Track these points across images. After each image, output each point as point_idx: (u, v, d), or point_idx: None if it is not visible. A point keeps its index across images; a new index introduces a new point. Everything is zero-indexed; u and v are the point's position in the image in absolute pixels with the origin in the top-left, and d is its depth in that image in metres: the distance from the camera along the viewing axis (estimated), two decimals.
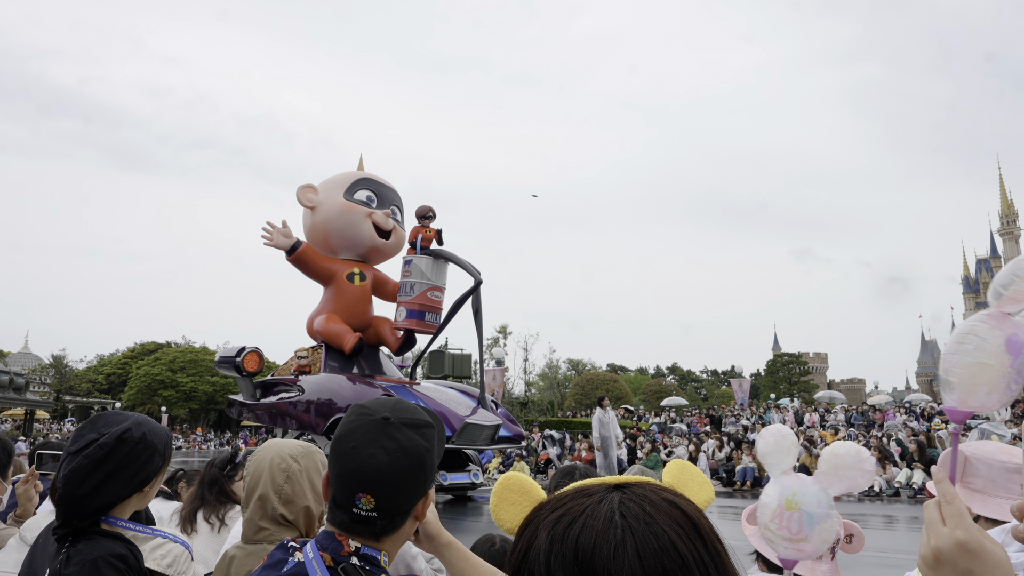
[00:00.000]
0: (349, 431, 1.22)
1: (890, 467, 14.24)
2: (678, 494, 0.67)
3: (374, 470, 1.17)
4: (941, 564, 0.74)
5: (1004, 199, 72.94)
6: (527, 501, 0.80)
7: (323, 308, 12.49)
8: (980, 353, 0.87)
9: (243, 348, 12.18)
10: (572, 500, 0.65)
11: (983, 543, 0.73)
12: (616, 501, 0.63)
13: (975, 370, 0.87)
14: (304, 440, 13.93)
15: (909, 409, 23.87)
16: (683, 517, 0.62)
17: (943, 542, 0.75)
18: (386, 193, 12.80)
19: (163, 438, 1.68)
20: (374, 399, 1.30)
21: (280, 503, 1.65)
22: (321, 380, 11.52)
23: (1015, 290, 0.86)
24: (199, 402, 57.45)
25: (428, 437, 1.24)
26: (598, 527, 0.60)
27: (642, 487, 0.66)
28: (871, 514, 11.14)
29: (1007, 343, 0.86)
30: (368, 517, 1.19)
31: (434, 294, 11.92)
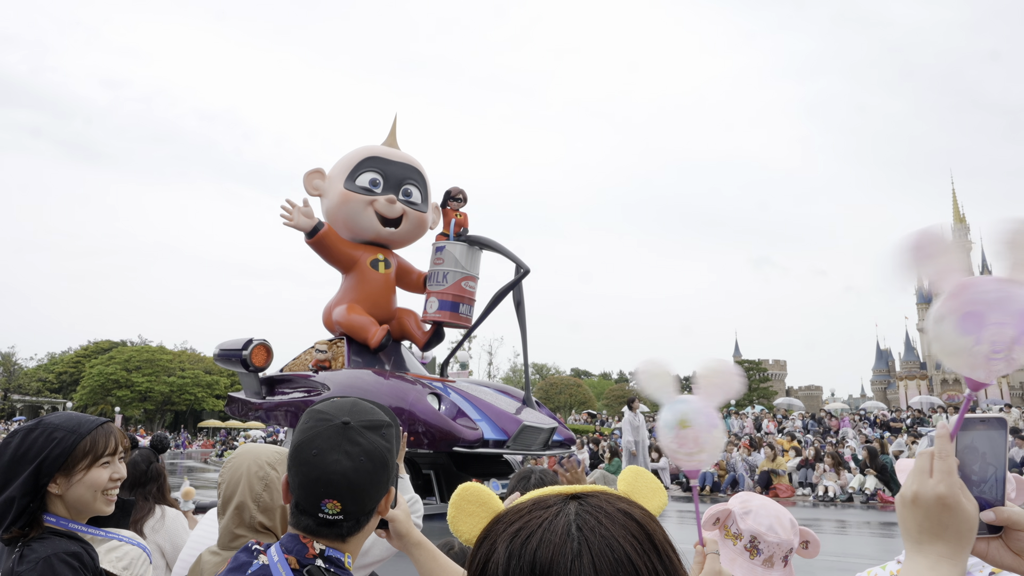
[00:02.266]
0: (310, 437, 1.21)
1: (844, 472, 14.58)
2: (633, 503, 0.68)
3: (339, 476, 1.17)
4: (917, 507, 0.82)
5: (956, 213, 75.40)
6: (485, 512, 0.80)
7: (343, 297, 11.41)
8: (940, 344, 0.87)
9: (250, 340, 11.04)
10: (529, 513, 0.65)
11: (960, 500, 0.80)
12: (573, 513, 0.63)
13: (947, 359, 0.88)
14: None
15: (863, 416, 24.50)
16: (638, 528, 0.64)
17: (925, 490, 0.82)
18: (394, 172, 11.48)
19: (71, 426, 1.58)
20: (330, 402, 1.30)
21: (259, 511, 1.64)
22: (349, 377, 10.39)
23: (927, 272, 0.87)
24: (155, 403, 56.13)
25: (388, 437, 1.26)
26: (555, 541, 0.60)
27: (598, 497, 0.67)
28: (825, 519, 11.39)
29: (960, 326, 0.84)
30: (335, 521, 1.21)
31: (468, 284, 10.99)
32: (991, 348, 0.83)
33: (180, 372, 56.85)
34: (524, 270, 10.63)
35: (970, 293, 0.84)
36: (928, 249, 0.86)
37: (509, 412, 9.94)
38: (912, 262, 0.87)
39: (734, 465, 15.63)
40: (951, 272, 0.86)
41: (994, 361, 0.83)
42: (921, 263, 0.87)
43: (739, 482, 15.01)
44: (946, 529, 0.80)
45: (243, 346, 10.95)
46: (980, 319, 0.83)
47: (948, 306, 0.85)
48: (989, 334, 0.82)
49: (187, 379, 56.30)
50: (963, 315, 0.84)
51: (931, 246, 0.86)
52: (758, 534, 1.58)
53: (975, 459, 0.86)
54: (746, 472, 15.19)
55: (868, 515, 11.87)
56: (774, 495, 14.37)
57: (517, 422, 9.69)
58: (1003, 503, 0.86)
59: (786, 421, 23.65)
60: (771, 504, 1.64)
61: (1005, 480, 0.86)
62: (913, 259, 0.87)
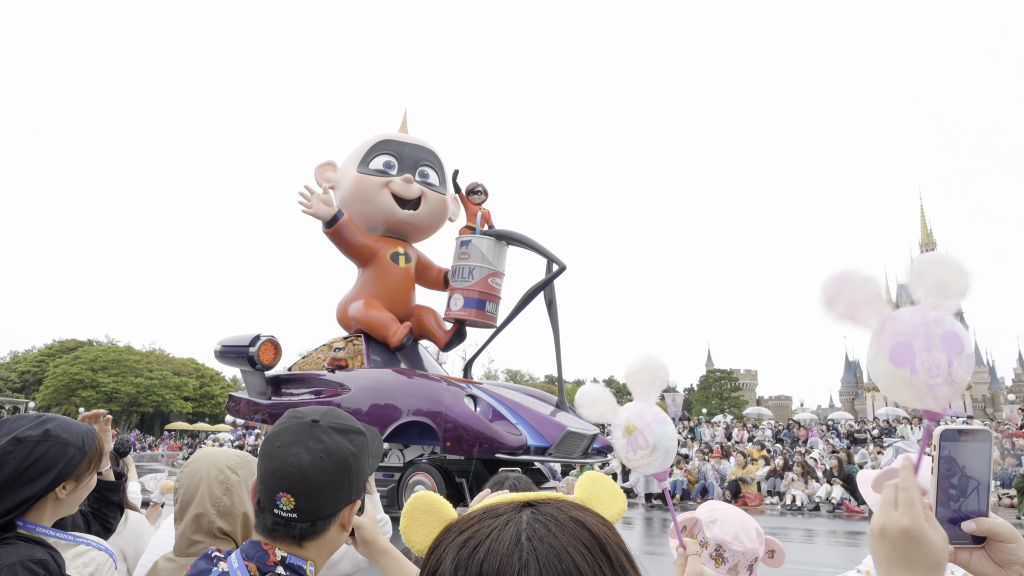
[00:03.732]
0: (277, 432, 1.23)
1: (811, 482, 14.76)
2: (587, 511, 0.67)
3: (295, 468, 1.17)
4: (885, 541, 0.83)
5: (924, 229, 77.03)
6: (437, 522, 0.78)
7: (361, 292, 10.75)
8: (879, 380, 0.90)
9: (257, 336, 10.31)
10: (479, 522, 0.64)
11: (925, 532, 0.81)
12: (523, 523, 0.62)
13: (891, 393, 0.90)
14: None
15: (831, 427, 24.84)
16: (589, 537, 0.62)
17: (891, 523, 0.83)
18: (409, 153, 10.90)
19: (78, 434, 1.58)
20: (309, 406, 1.30)
21: (218, 516, 1.61)
22: (372, 377, 9.74)
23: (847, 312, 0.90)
24: (121, 404, 55.02)
25: (357, 444, 1.25)
26: (502, 551, 0.59)
27: (551, 505, 0.65)
28: (792, 528, 11.52)
29: (891, 358, 0.87)
30: (288, 519, 1.19)
31: (495, 280, 10.38)
32: (928, 375, 0.85)
33: (148, 373, 55.81)
34: (560, 267, 10.00)
35: (893, 325, 0.87)
36: (837, 293, 0.89)
37: (549, 417, 9.27)
38: (827, 306, 0.90)
39: (704, 473, 15.75)
40: (867, 307, 0.88)
41: (937, 387, 0.86)
42: (834, 306, 0.90)
43: (708, 490, 15.13)
44: (913, 562, 0.81)
45: (250, 342, 10.27)
46: (908, 349, 0.85)
47: (877, 343, 0.88)
48: (921, 362, 0.85)
49: (155, 380, 55.30)
50: (891, 348, 0.86)
51: (839, 289, 0.89)
52: (723, 542, 1.59)
53: (960, 471, 0.88)
54: (716, 480, 15.30)
55: (834, 524, 12.03)
56: (743, 504, 14.52)
57: (560, 427, 9.02)
58: (987, 514, 0.87)
59: (756, 430, 23.89)
60: (738, 513, 1.65)
61: (989, 491, 0.87)
62: (827, 304, 0.90)
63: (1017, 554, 0.85)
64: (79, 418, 1.87)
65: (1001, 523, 0.86)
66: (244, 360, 10.38)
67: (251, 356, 10.23)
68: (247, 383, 11.08)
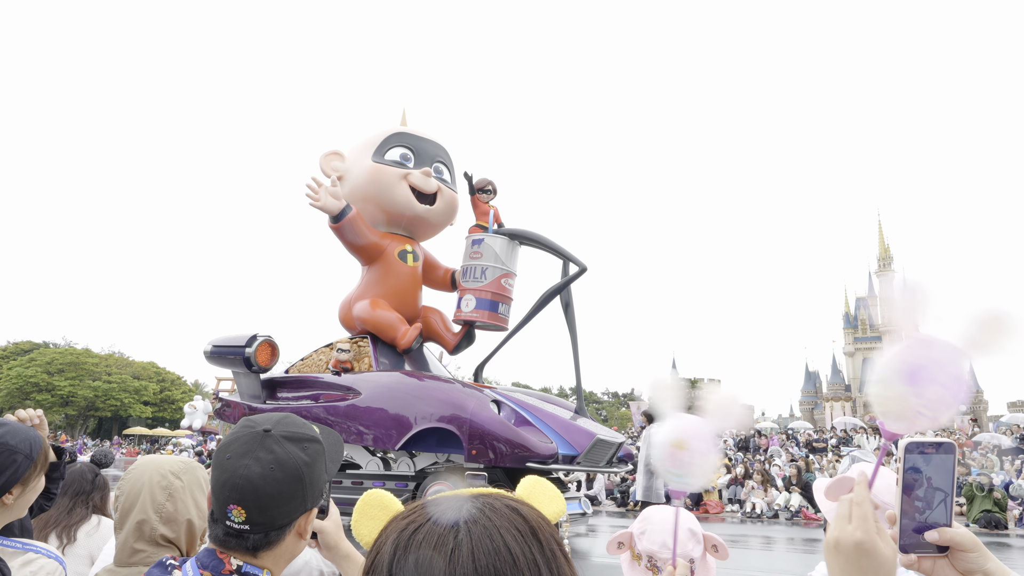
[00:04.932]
0: (228, 442, 1.21)
1: (771, 490, 15.02)
2: (525, 503, 0.71)
3: (245, 480, 1.16)
4: (839, 554, 0.88)
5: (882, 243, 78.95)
6: (385, 515, 0.81)
7: (366, 291, 10.17)
8: (882, 386, 0.93)
9: (254, 336, 9.75)
10: (423, 509, 0.68)
11: (876, 544, 0.87)
12: (462, 509, 0.66)
13: (879, 401, 0.95)
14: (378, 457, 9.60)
15: (791, 436, 25.29)
16: (523, 522, 0.66)
17: (844, 537, 0.89)
18: (425, 148, 10.43)
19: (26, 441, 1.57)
20: (264, 413, 1.28)
21: (161, 522, 1.58)
22: (385, 381, 9.16)
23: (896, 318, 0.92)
24: (77, 408, 53.56)
25: (311, 452, 1.23)
26: (439, 531, 0.64)
27: (492, 497, 0.70)
28: (752, 535, 11.69)
29: (908, 376, 0.91)
30: (241, 530, 1.18)
31: (508, 281, 9.97)
32: (924, 404, 0.90)
33: (106, 377, 54.43)
34: (580, 268, 9.59)
35: (927, 350, 0.91)
36: (909, 299, 0.93)
37: (576, 424, 8.84)
38: (904, 304, 0.93)
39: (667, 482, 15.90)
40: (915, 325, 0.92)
41: (921, 416, 0.91)
42: (907, 308, 0.93)
43: (670, 497, 15.29)
44: (865, 572, 0.86)
45: (246, 342, 9.70)
46: (927, 376, 0.89)
47: (903, 353, 0.92)
48: (929, 391, 0.89)
49: (113, 384, 53.96)
50: (916, 367, 0.90)
51: (912, 298, 0.93)
52: (652, 552, 1.62)
53: (925, 482, 0.91)
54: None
55: (792, 531, 12.25)
56: (704, 511, 14.71)
57: (589, 435, 8.59)
58: (950, 524, 0.91)
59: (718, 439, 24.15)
60: (668, 519, 1.66)
61: (952, 502, 0.91)
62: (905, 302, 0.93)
63: (978, 563, 0.89)
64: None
65: (963, 533, 0.90)
66: (239, 361, 9.82)
67: (247, 357, 9.67)
68: (240, 386, 10.48)
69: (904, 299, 0.93)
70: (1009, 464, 15.33)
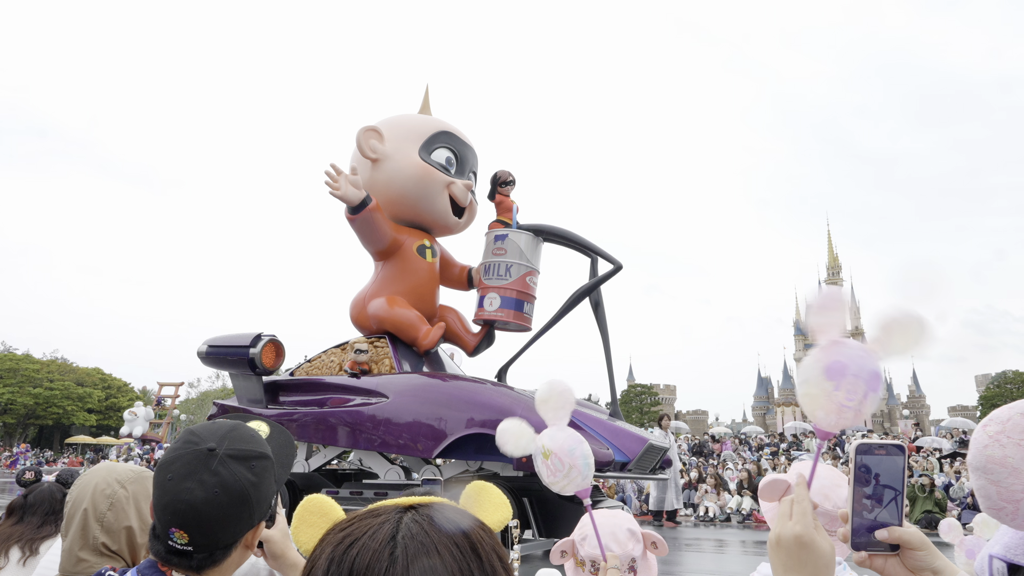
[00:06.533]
0: (170, 460, 1.16)
1: (724, 494, 15.28)
2: (467, 515, 0.70)
3: (187, 506, 1.11)
4: (780, 549, 0.94)
5: (831, 252, 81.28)
6: (325, 523, 0.79)
7: (382, 287, 9.51)
8: (806, 385, 1.01)
9: (258, 336, 9.07)
10: (360, 521, 0.67)
11: (815, 538, 0.92)
12: (400, 522, 0.65)
13: (807, 401, 1.01)
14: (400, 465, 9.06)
15: (743, 440, 25.80)
16: (462, 537, 0.65)
17: (785, 532, 0.94)
18: (468, 156, 9.92)
19: None
20: (208, 424, 1.23)
21: (102, 531, 1.54)
22: (416, 384, 8.56)
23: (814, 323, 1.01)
24: (16, 416, 51.48)
25: (258, 471, 1.19)
26: (374, 547, 0.62)
27: (433, 508, 0.68)
28: (705, 538, 11.87)
29: (826, 371, 0.98)
30: (184, 551, 1.15)
31: (532, 279, 9.50)
32: (846, 396, 0.97)
33: (48, 383, 52.47)
34: (616, 266, 9.16)
35: (841, 349, 0.99)
36: (826, 306, 1.01)
37: (625, 428, 8.38)
38: (812, 312, 1.02)
39: (623, 486, 16.04)
40: (833, 329, 1.00)
41: (845, 409, 0.97)
42: (816, 315, 1.01)
43: (627, 502, 15.41)
44: (804, 566, 0.91)
45: (251, 342, 9.01)
46: (844, 370, 0.97)
47: (820, 354, 1.00)
48: (847, 384, 0.97)
49: (55, 391, 52.03)
50: (831, 362, 0.98)
51: (829, 304, 1.01)
52: (594, 557, 1.65)
53: (875, 482, 0.95)
54: (634, 494, 15.60)
55: (744, 534, 12.47)
56: None
57: (640, 440, 8.10)
58: (900, 523, 0.95)
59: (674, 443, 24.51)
60: (608, 523, 1.71)
61: (903, 502, 0.95)
62: (814, 309, 1.02)
63: (926, 561, 0.93)
64: None
65: (912, 532, 0.95)
66: (241, 363, 9.13)
67: (252, 358, 8.95)
68: (240, 389, 9.74)
69: (819, 307, 1.01)
70: (948, 466, 15.89)
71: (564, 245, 9.65)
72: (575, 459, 1.38)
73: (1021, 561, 0.69)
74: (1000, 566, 0.71)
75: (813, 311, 1.02)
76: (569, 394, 1.41)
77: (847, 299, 1.02)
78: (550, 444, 1.37)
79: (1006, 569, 0.70)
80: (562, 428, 1.41)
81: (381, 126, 9.60)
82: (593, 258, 9.43)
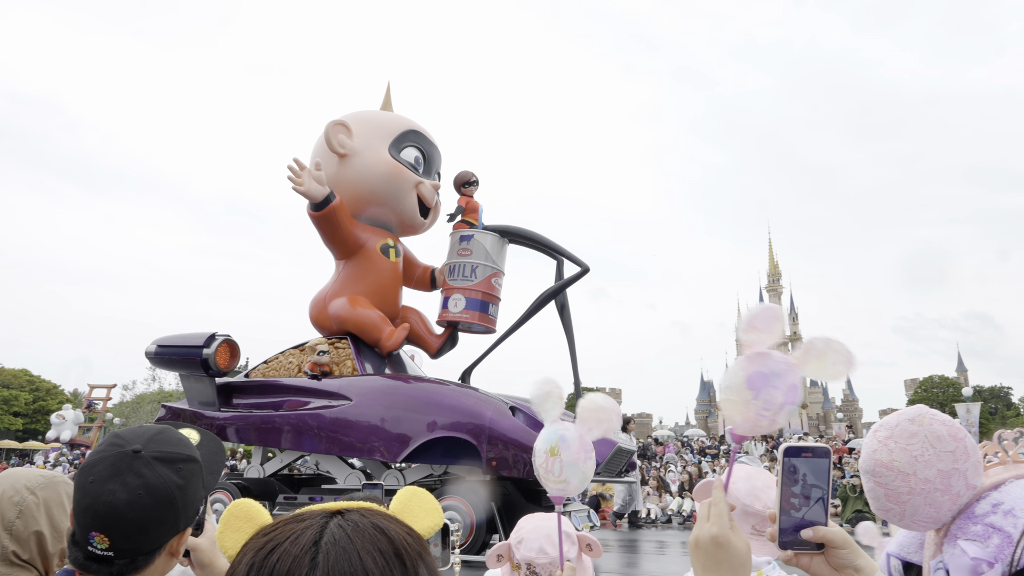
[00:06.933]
0: (93, 462, 1.13)
1: (665, 496, 15.55)
2: (394, 520, 0.69)
3: (110, 508, 1.08)
4: (699, 549, 0.98)
5: (771, 260, 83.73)
6: (251, 528, 0.77)
7: (344, 287, 9.28)
8: (727, 392, 1.06)
9: (212, 336, 8.76)
10: (284, 526, 0.65)
11: (730, 538, 0.97)
12: (323, 528, 0.63)
13: (727, 407, 1.07)
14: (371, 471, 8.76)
15: (685, 443, 26.32)
16: (387, 543, 0.64)
17: (702, 533, 0.99)
18: (434, 156, 9.84)
19: None
20: (135, 427, 1.20)
21: (11, 540, 1.47)
22: (382, 387, 8.39)
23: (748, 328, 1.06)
24: None
25: (185, 473, 1.16)
26: (295, 553, 0.61)
27: (359, 513, 0.67)
28: (646, 540, 12.06)
29: (748, 380, 1.03)
30: (104, 557, 1.11)
31: (497, 281, 9.44)
32: (763, 406, 1.03)
33: None
34: (583, 268, 9.22)
35: (765, 360, 1.04)
36: (758, 323, 1.06)
37: None
38: (745, 327, 1.07)
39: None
40: (762, 344, 1.06)
41: (762, 417, 1.03)
42: (749, 332, 1.06)
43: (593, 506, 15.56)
44: (721, 564, 0.96)
45: (204, 342, 8.73)
46: (765, 381, 1.02)
47: (745, 363, 1.06)
48: (766, 394, 1.02)
49: None
50: (754, 372, 1.04)
51: (762, 322, 1.06)
52: (530, 560, 1.66)
53: (802, 483, 1.00)
54: (578, 496, 15.75)
55: (684, 535, 12.71)
56: (602, 517, 15.04)
57: (610, 444, 8.02)
58: (826, 523, 0.99)
59: None
60: (543, 524, 1.72)
61: (828, 503, 0.99)
62: (747, 326, 1.07)
63: (849, 559, 0.98)
64: None
65: (836, 531, 1.00)
66: (194, 364, 8.84)
67: (205, 359, 8.69)
68: (191, 391, 9.38)
69: (754, 325, 1.06)
70: None
71: (530, 247, 9.67)
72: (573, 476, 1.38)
73: (913, 559, 0.74)
74: (896, 563, 0.75)
75: (747, 328, 1.06)
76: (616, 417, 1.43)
77: (782, 320, 1.07)
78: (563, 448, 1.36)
79: (901, 566, 0.75)
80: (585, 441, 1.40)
81: (349, 121, 9.42)
82: (559, 260, 9.46)
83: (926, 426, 0.69)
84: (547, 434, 1.40)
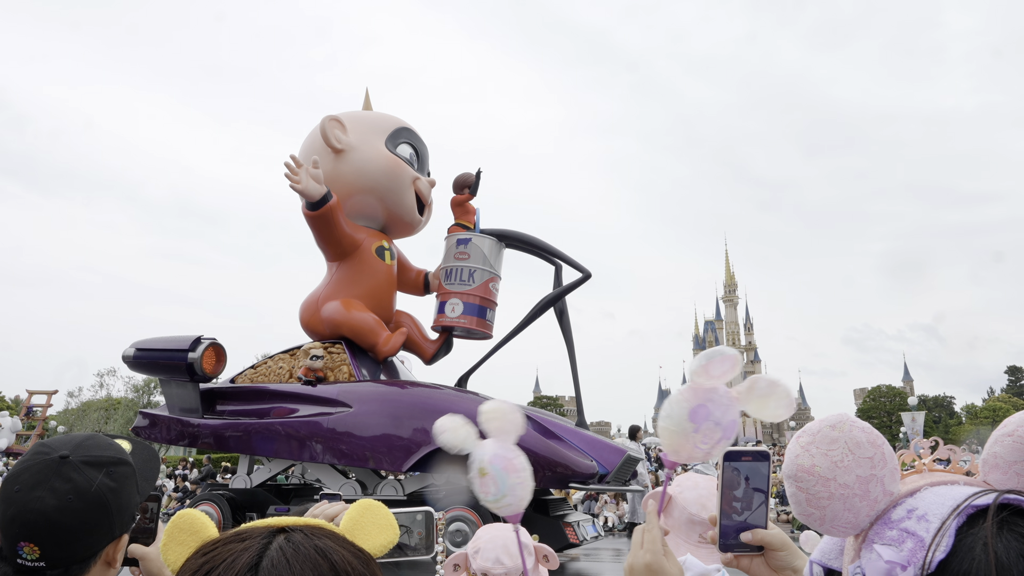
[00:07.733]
0: (18, 472, 1.08)
1: (623, 503, 15.67)
2: (341, 541, 0.66)
3: (38, 515, 1.03)
4: (633, 575, 0.99)
5: (728, 271, 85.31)
6: (195, 542, 0.73)
7: (337, 290, 8.91)
8: (668, 421, 1.08)
9: (198, 339, 8.31)
10: (223, 546, 0.63)
11: (663, 565, 0.99)
12: (263, 550, 0.61)
13: (665, 435, 1.10)
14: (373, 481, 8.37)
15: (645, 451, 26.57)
16: (329, 568, 0.61)
17: (636, 561, 1.00)
18: (426, 155, 9.63)
19: None
20: (62, 435, 1.16)
21: None
22: (384, 393, 8.15)
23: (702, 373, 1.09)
24: None
25: (117, 476, 1.12)
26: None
27: (301, 533, 0.64)
28: (604, 548, 12.11)
29: (691, 413, 1.05)
30: (35, 568, 1.06)
31: (494, 286, 9.18)
32: (702, 439, 1.06)
33: None
34: (584, 274, 9.06)
35: (710, 395, 1.06)
36: (714, 371, 1.08)
37: (601, 439, 8.11)
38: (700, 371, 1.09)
39: None
40: (714, 383, 1.09)
41: (698, 449, 1.07)
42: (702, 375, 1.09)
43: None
44: None
45: (190, 346, 8.26)
46: (707, 415, 1.05)
47: (690, 394, 1.08)
48: (706, 428, 1.05)
49: None
50: (697, 405, 1.06)
51: (717, 371, 1.08)
52: (486, 570, 1.69)
53: (743, 486, 1.02)
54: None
55: None
56: None
57: (618, 451, 7.91)
58: (766, 526, 1.02)
59: None
60: (500, 535, 1.74)
61: (768, 506, 1.03)
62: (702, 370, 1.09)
63: (787, 560, 1.00)
64: None
65: (774, 533, 1.01)
66: (178, 368, 8.41)
67: (191, 363, 8.21)
68: (173, 397, 8.88)
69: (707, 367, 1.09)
70: None
71: (528, 251, 9.45)
72: (507, 490, 1.35)
73: (834, 565, 0.76)
74: (818, 570, 0.78)
75: (702, 373, 1.08)
76: (518, 416, 1.40)
77: (737, 369, 1.09)
78: (488, 465, 1.33)
79: (823, 572, 0.78)
80: (506, 450, 1.36)
81: (343, 117, 9.17)
82: (558, 265, 9.33)
83: (846, 432, 0.71)
84: (473, 458, 1.38)
